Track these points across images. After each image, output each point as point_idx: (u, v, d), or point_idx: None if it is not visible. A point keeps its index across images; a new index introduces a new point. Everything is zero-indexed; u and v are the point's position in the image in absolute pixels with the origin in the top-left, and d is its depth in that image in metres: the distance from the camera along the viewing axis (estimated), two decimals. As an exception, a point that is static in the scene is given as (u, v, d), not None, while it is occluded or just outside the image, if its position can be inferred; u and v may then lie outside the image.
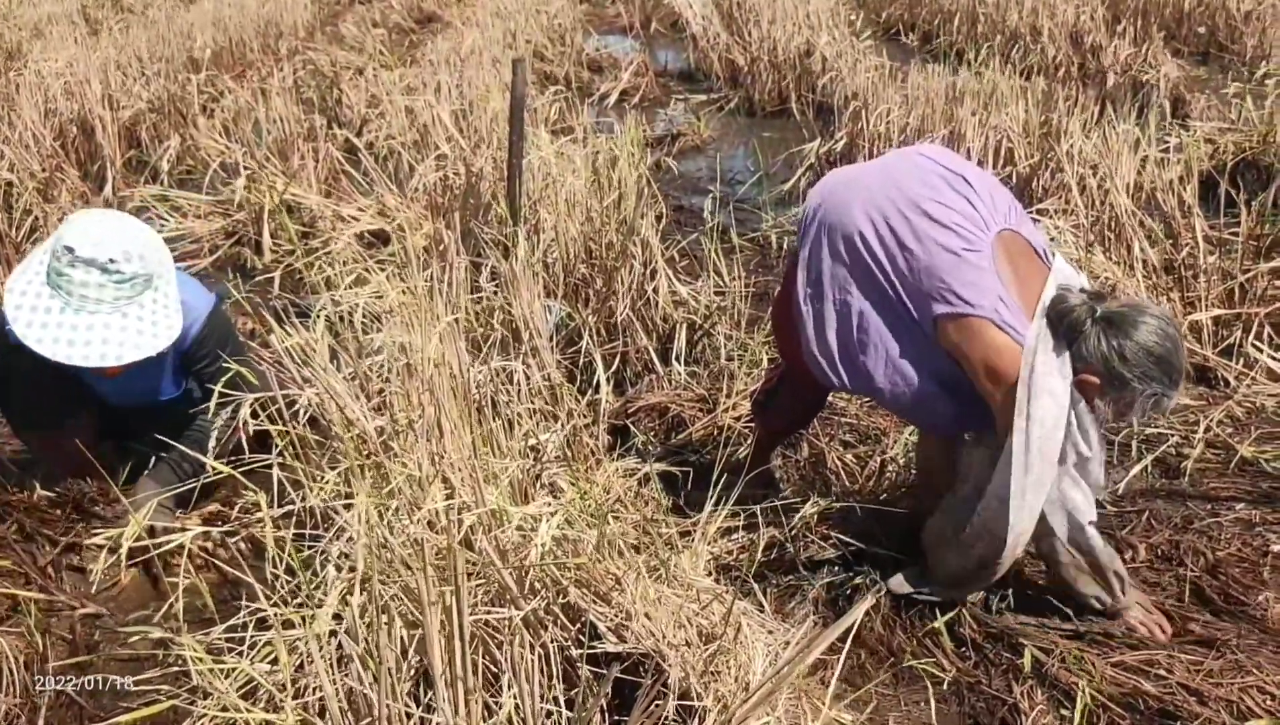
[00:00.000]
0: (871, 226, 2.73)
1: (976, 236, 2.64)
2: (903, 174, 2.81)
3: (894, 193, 2.75)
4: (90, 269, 2.82)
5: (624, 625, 2.24)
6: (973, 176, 2.76)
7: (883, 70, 6.80)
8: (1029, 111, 5.67)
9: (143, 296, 2.92)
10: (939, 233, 2.65)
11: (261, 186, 5.52)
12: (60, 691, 2.65)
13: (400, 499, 2.27)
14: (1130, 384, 2.50)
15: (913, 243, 2.68)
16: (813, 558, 3.12)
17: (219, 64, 8.30)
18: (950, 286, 2.62)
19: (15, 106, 6.61)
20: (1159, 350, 2.48)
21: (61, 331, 2.83)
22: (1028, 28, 8.95)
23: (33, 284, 2.88)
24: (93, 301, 2.85)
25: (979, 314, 2.59)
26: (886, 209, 2.73)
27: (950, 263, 2.62)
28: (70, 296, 2.84)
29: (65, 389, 3.23)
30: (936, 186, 2.72)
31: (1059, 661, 2.74)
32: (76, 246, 2.81)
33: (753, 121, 8.08)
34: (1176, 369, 2.52)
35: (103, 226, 2.88)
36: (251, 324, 4.65)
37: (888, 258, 2.72)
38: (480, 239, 3.96)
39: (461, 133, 5.68)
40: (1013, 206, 2.76)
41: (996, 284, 2.60)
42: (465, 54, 7.38)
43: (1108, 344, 2.50)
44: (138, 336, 2.89)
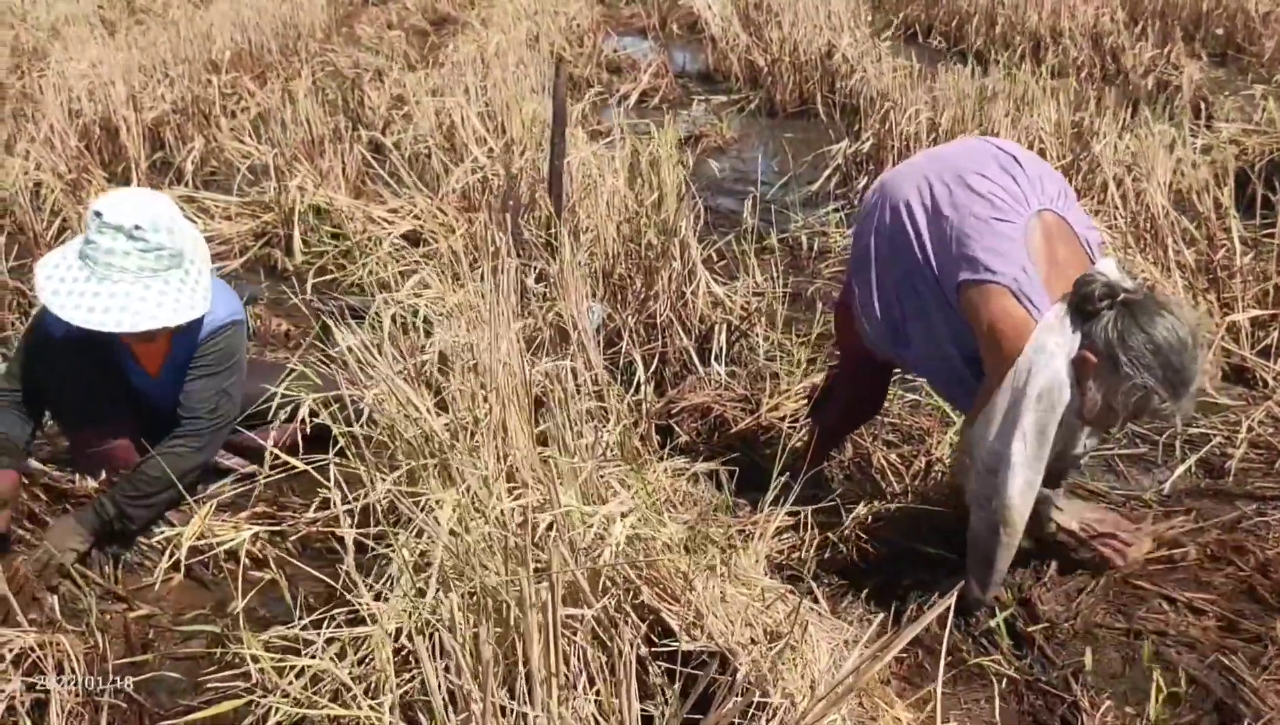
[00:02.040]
0: (917, 195, 2.81)
1: (1011, 209, 2.65)
2: (956, 152, 2.91)
3: (942, 166, 2.82)
4: (117, 235, 2.86)
5: (694, 624, 2.24)
6: (1024, 159, 2.79)
7: (909, 71, 6.80)
8: (1060, 112, 5.67)
9: (169, 272, 2.95)
10: (974, 202, 2.68)
11: (291, 188, 5.51)
12: (119, 690, 2.66)
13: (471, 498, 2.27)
14: (1122, 369, 2.46)
15: (949, 210, 2.72)
16: (864, 557, 3.12)
17: (239, 66, 8.31)
18: (975, 253, 2.64)
19: (41, 107, 6.63)
20: (1165, 347, 2.44)
21: (84, 298, 2.87)
22: (1048, 29, 8.95)
23: (66, 257, 2.95)
24: (117, 269, 2.88)
25: (998, 281, 2.60)
26: (932, 180, 2.80)
27: (979, 230, 2.65)
28: (96, 264, 2.89)
29: (110, 390, 3.24)
30: (983, 162, 2.77)
31: (1121, 659, 2.75)
32: (105, 212, 2.86)
33: (774, 122, 8.08)
34: (1177, 372, 2.45)
35: (132, 196, 2.94)
36: (286, 326, 4.66)
37: (926, 225, 2.77)
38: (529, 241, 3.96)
39: (491, 134, 5.68)
40: (1064, 194, 2.76)
41: (1022, 256, 2.60)
42: (491, 55, 7.37)
43: (1116, 326, 2.47)
44: (156, 308, 2.91)
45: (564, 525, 2.11)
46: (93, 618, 2.80)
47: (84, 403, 3.19)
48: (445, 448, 2.52)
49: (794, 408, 3.78)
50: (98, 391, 3.20)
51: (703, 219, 4.61)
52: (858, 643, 2.46)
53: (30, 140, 6.10)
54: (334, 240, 5.35)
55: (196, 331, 3.14)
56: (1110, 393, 2.51)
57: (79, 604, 2.91)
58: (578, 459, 2.46)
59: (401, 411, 2.63)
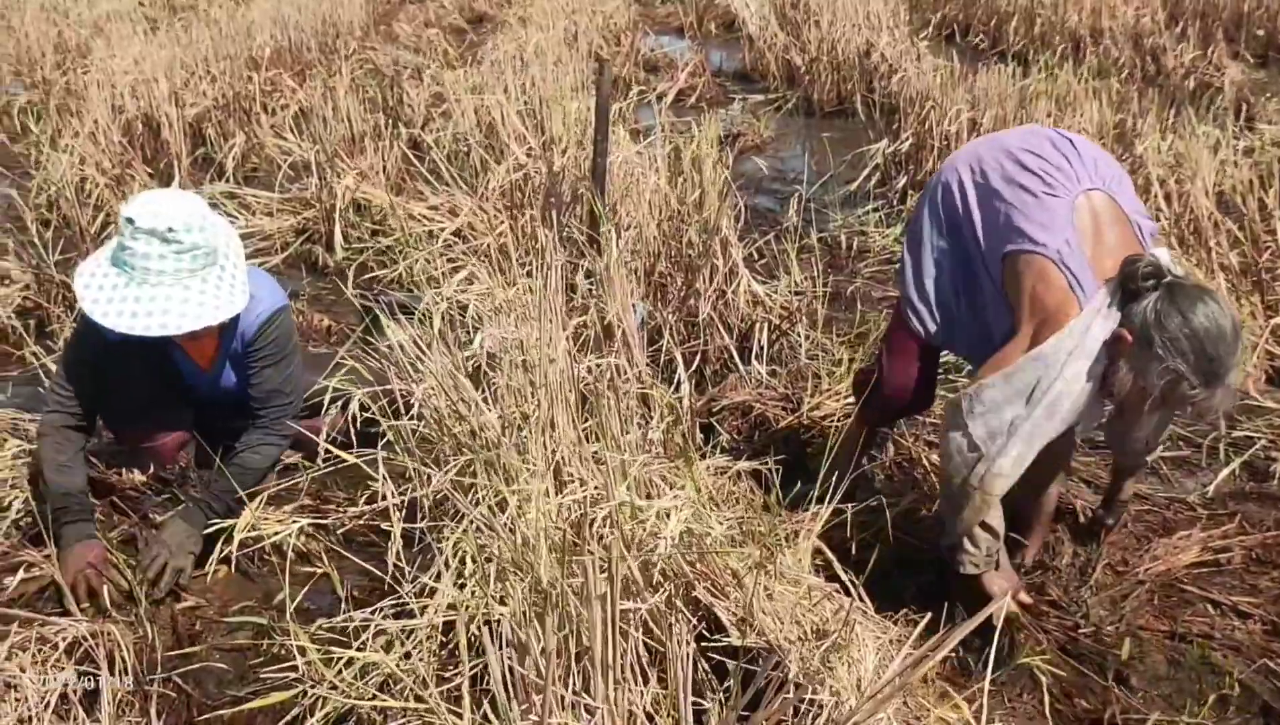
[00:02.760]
0: (969, 173, 2.85)
1: (1060, 185, 2.66)
2: (1013, 134, 2.94)
3: (997, 146, 2.86)
4: (151, 239, 2.86)
5: (744, 620, 2.25)
6: (1080, 142, 2.80)
7: (949, 71, 6.78)
8: (1102, 113, 5.64)
9: (206, 271, 2.96)
10: (1024, 176, 2.70)
11: (341, 185, 5.55)
12: (168, 679, 2.69)
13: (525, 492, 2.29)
14: (1154, 350, 2.43)
15: (1000, 184, 2.75)
16: (908, 557, 3.12)
17: (279, 63, 8.36)
18: (1020, 225, 2.66)
19: (85, 104, 6.70)
20: (1201, 333, 2.39)
21: (125, 305, 2.89)
22: (1088, 29, 8.90)
23: (100, 266, 2.95)
24: (154, 273, 2.89)
25: (1042, 252, 2.60)
26: (985, 159, 2.83)
27: (1026, 203, 2.67)
28: (134, 270, 2.90)
29: (163, 387, 3.28)
30: (1037, 142, 2.79)
31: (1167, 662, 2.74)
32: (137, 217, 2.86)
33: (812, 122, 8.08)
34: (1210, 360, 2.40)
35: (162, 199, 2.94)
36: (328, 321, 4.70)
37: (977, 202, 2.81)
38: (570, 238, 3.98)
39: (531, 132, 5.70)
40: (1119, 179, 2.76)
41: (1068, 229, 2.60)
42: (530, 54, 7.39)
43: (1156, 307, 2.44)
44: (198, 307, 2.93)
45: (619, 520, 2.12)
46: (142, 608, 2.83)
47: (138, 401, 3.23)
48: (494, 443, 2.54)
49: (835, 407, 3.78)
50: (151, 390, 3.23)
51: (742, 218, 4.62)
52: (903, 642, 2.48)
53: (74, 136, 6.16)
54: (374, 237, 5.38)
55: (246, 322, 3.17)
56: (1141, 374, 2.48)
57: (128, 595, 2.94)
58: (626, 455, 2.47)
59: (450, 407, 2.64)
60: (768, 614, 2.32)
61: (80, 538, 2.98)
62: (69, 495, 3.03)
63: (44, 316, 4.66)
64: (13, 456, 3.36)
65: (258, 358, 3.20)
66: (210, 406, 3.40)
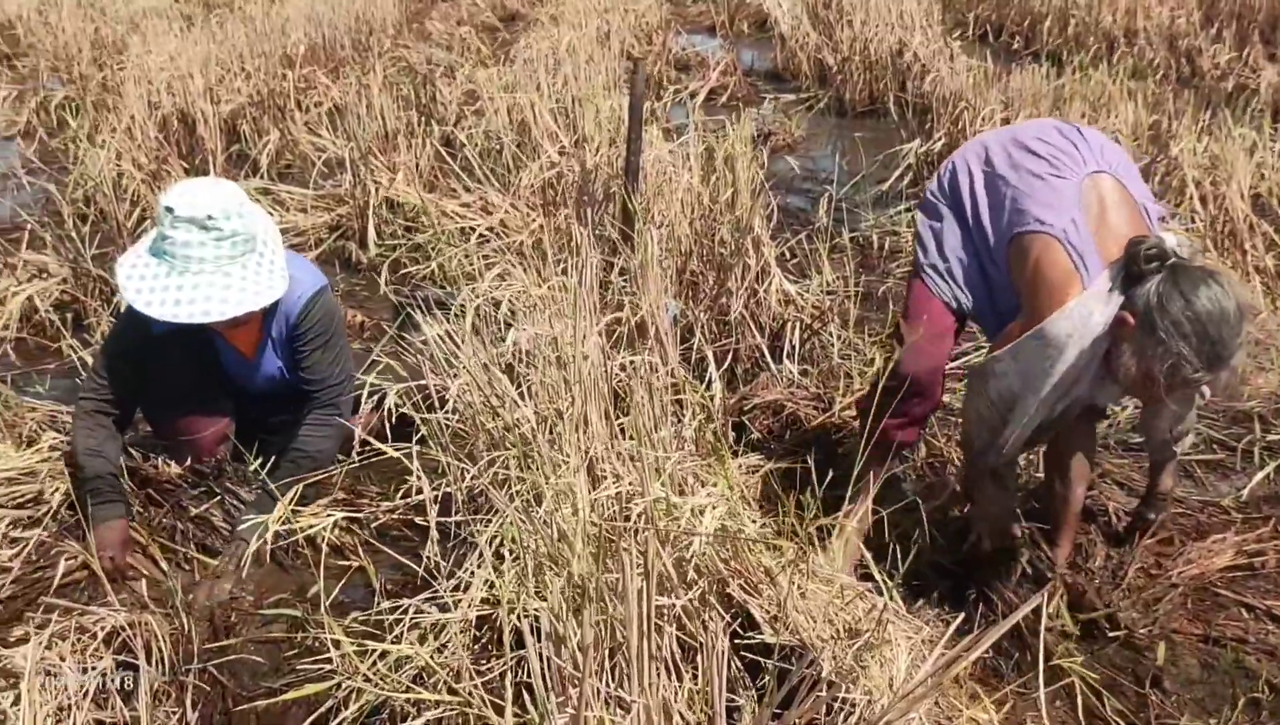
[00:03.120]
0: (977, 160, 2.88)
1: (1067, 167, 2.67)
2: (1021, 126, 2.97)
3: (1004, 136, 2.88)
4: (190, 227, 2.90)
5: (777, 618, 2.26)
6: (1086, 130, 2.81)
7: (983, 71, 6.75)
8: (1137, 114, 5.61)
9: (245, 258, 2.99)
10: (1031, 161, 2.72)
11: (366, 181, 5.58)
12: (204, 670, 2.72)
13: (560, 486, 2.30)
14: (1157, 333, 2.39)
15: (1006, 170, 2.77)
16: (940, 557, 3.12)
17: (313, 60, 8.41)
18: (1027, 207, 2.66)
19: (121, 99, 6.76)
20: (1204, 315, 2.35)
21: (168, 293, 2.92)
22: (1122, 30, 8.85)
23: (141, 256, 2.99)
24: (195, 261, 2.93)
25: (1047, 231, 2.60)
26: (993, 147, 2.86)
27: (1033, 186, 2.68)
28: (174, 259, 2.93)
29: (205, 378, 3.31)
30: (1045, 130, 2.82)
31: (1200, 666, 2.73)
32: (176, 206, 2.90)
33: (844, 121, 8.07)
34: (1213, 343, 2.36)
35: (199, 188, 2.98)
36: (361, 317, 4.73)
37: (985, 189, 2.83)
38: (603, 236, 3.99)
39: (564, 130, 5.72)
40: (1127, 165, 2.75)
41: (1074, 210, 2.60)
42: (562, 52, 7.41)
43: (1160, 290, 2.40)
44: (240, 294, 2.96)
45: (654, 516, 2.13)
46: (178, 599, 2.86)
47: (180, 393, 3.26)
48: (528, 438, 2.55)
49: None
50: (193, 381, 3.27)
51: (774, 217, 4.61)
52: (935, 643, 2.48)
53: (111, 131, 6.22)
54: (407, 233, 5.41)
55: (288, 305, 3.20)
56: (1144, 358, 2.44)
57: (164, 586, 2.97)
58: (660, 452, 2.48)
59: (485, 403, 2.66)
60: (801, 612, 2.32)
61: (107, 519, 3.04)
62: (99, 478, 3.08)
63: (81, 310, 4.70)
64: (49, 447, 3.39)
65: (306, 341, 3.23)
66: (249, 398, 3.43)
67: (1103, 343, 2.54)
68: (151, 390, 3.25)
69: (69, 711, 2.40)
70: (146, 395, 3.26)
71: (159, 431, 3.42)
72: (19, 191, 5.81)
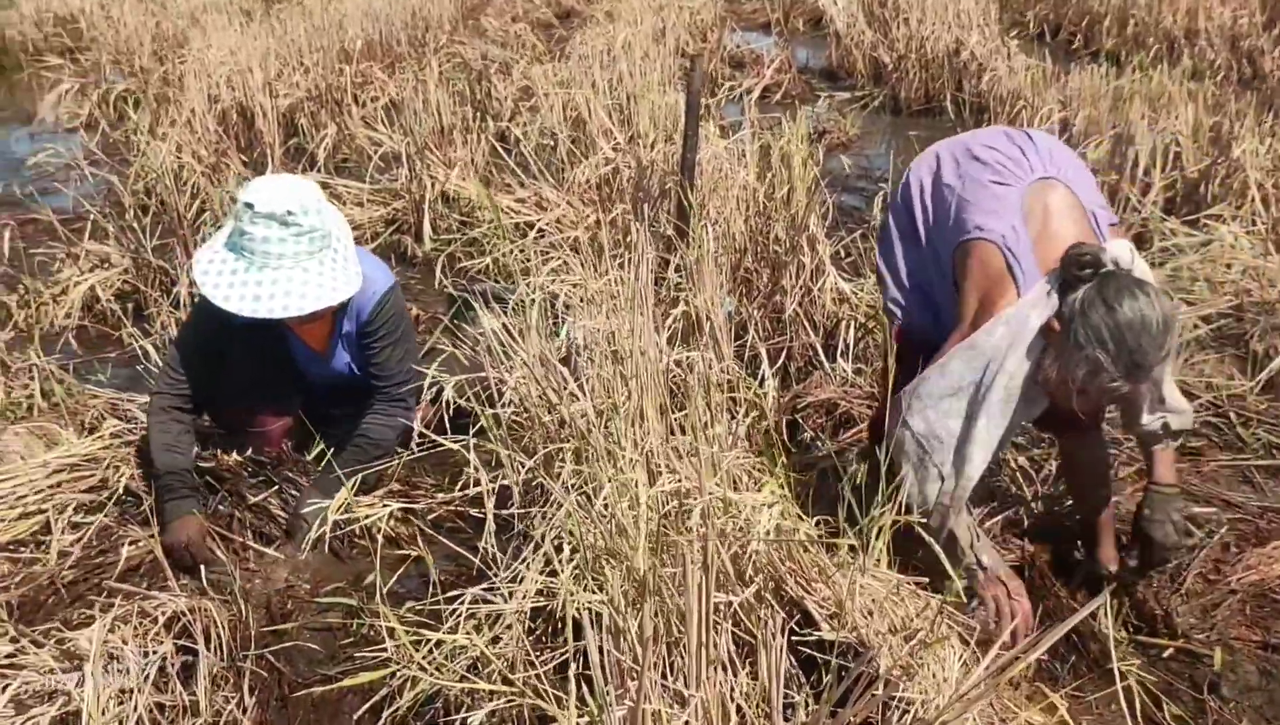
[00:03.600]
0: (927, 170, 2.85)
1: (1011, 174, 2.63)
2: (973, 133, 2.92)
3: (955, 143, 2.86)
4: (270, 223, 2.93)
5: (834, 615, 2.26)
6: (1038, 136, 2.76)
7: (1042, 71, 6.70)
8: (1198, 115, 5.54)
9: (322, 254, 3.03)
10: (976, 169, 2.69)
11: (422, 175, 5.62)
12: (261, 656, 2.75)
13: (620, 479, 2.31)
14: (1075, 337, 2.35)
15: (953, 179, 2.74)
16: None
17: (370, 55, 8.48)
18: (969, 216, 2.63)
19: (183, 92, 6.85)
20: (1125, 325, 2.31)
21: (247, 288, 2.95)
22: (1182, 30, 8.74)
23: (217, 252, 3.02)
24: (274, 257, 2.96)
25: (987, 238, 2.57)
26: (944, 156, 2.83)
27: (977, 194, 2.64)
28: (253, 255, 2.96)
29: (277, 372, 3.35)
30: (994, 137, 2.78)
31: (1259, 672, 2.70)
32: (256, 202, 2.93)
33: (899, 120, 8.03)
34: (1131, 352, 2.31)
35: (278, 184, 3.01)
36: (416, 310, 4.76)
37: (931, 197, 2.80)
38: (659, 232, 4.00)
39: (618, 127, 5.73)
40: (1076, 169, 2.71)
41: (1016, 216, 2.57)
42: (618, 49, 7.42)
43: (1085, 297, 2.37)
44: (318, 289, 3.00)
45: (712, 512, 2.13)
46: (236, 586, 2.90)
47: (251, 386, 3.31)
48: (584, 432, 2.56)
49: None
50: (265, 374, 3.31)
51: (829, 215, 4.60)
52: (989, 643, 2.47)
53: (171, 124, 6.30)
54: (462, 228, 5.45)
55: (360, 303, 3.25)
56: (1064, 363, 2.41)
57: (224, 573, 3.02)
58: (716, 448, 2.48)
59: (541, 395, 2.67)
60: (858, 610, 2.32)
61: (180, 514, 3.07)
62: (173, 474, 3.12)
63: (141, 300, 4.77)
64: (111, 434, 3.44)
65: (376, 338, 3.28)
66: (316, 391, 3.47)
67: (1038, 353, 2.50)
68: (224, 382, 3.29)
69: (130, 694, 2.43)
70: (218, 387, 3.30)
71: (220, 420, 3.47)
72: (81, 183, 5.89)
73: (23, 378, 3.86)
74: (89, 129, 7.43)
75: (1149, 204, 5.15)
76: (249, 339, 3.20)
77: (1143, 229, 5.14)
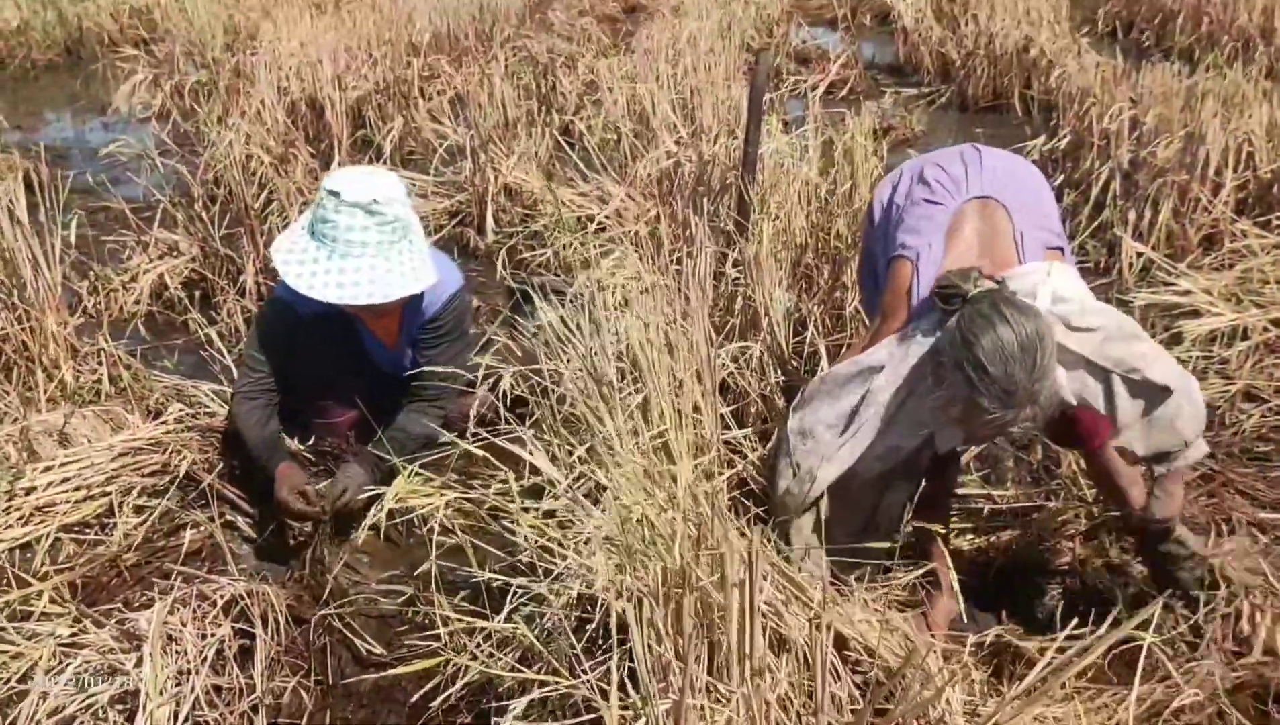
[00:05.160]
0: (888, 190, 2.89)
1: (945, 193, 2.66)
2: (937, 151, 2.95)
3: (919, 161, 2.89)
4: (355, 211, 2.98)
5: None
6: (989, 155, 2.77)
7: (1112, 68, 6.60)
8: (1273, 114, 5.43)
9: (401, 244, 3.08)
10: (919, 189, 2.73)
11: (486, 168, 5.65)
12: (317, 642, 2.79)
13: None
14: (951, 370, 2.32)
15: (901, 198, 2.79)
16: (1045, 563, 3.07)
17: (437, 49, 8.54)
18: (899, 234, 2.67)
19: (253, 84, 6.94)
20: (987, 357, 2.25)
21: (330, 276, 3.00)
22: (1258, 29, 8.58)
23: (298, 241, 3.07)
24: (358, 245, 3.01)
25: (904, 255, 2.61)
26: (905, 174, 2.87)
27: (911, 213, 2.69)
28: (335, 242, 3.01)
29: (348, 364, 3.38)
30: (948, 157, 2.81)
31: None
32: (342, 191, 2.98)
33: (965, 117, 7.96)
34: (995, 381, 2.26)
35: (362, 173, 3.08)
36: (477, 302, 4.79)
37: (883, 214, 2.85)
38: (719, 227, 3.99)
39: (682, 121, 5.73)
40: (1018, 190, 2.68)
41: (936, 235, 2.59)
42: (683, 43, 7.42)
43: (948, 332, 2.34)
44: (401, 277, 3.05)
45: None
46: (306, 569, 2.94)
47: (324, 378, 3.35)
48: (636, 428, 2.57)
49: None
50: (337, 367, 3.35)
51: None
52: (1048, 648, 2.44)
53: (241, 115, 6.38)
54: (524, 222, 5.47)
55: (430, 299, 3.30)
56: (948, 397, 2.38)
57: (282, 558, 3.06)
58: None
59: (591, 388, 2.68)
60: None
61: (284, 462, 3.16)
62: (273, 447, 3.20)
63: (209, 288, 4.85)
64: (175, 419, 3.48)
65: (439, 334, 3.33)
66: (380, 387, 3.50)
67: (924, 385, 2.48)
68: (297, 375, 3.33)
69: (187, 675, 2.47)
70: (292, 379, 3.34)
71: (293, 410, 3.50)
72: (152, 172, 5.98)
73: (91, 362, 3.93)
74: (161, 119, 7.54)
75: (1219, 204, 5.06)
76: (322, 332, 3.24)
77: (1213, 230, 5.05)
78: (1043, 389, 2.31)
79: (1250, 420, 3.71)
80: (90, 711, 2.39)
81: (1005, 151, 2.89)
